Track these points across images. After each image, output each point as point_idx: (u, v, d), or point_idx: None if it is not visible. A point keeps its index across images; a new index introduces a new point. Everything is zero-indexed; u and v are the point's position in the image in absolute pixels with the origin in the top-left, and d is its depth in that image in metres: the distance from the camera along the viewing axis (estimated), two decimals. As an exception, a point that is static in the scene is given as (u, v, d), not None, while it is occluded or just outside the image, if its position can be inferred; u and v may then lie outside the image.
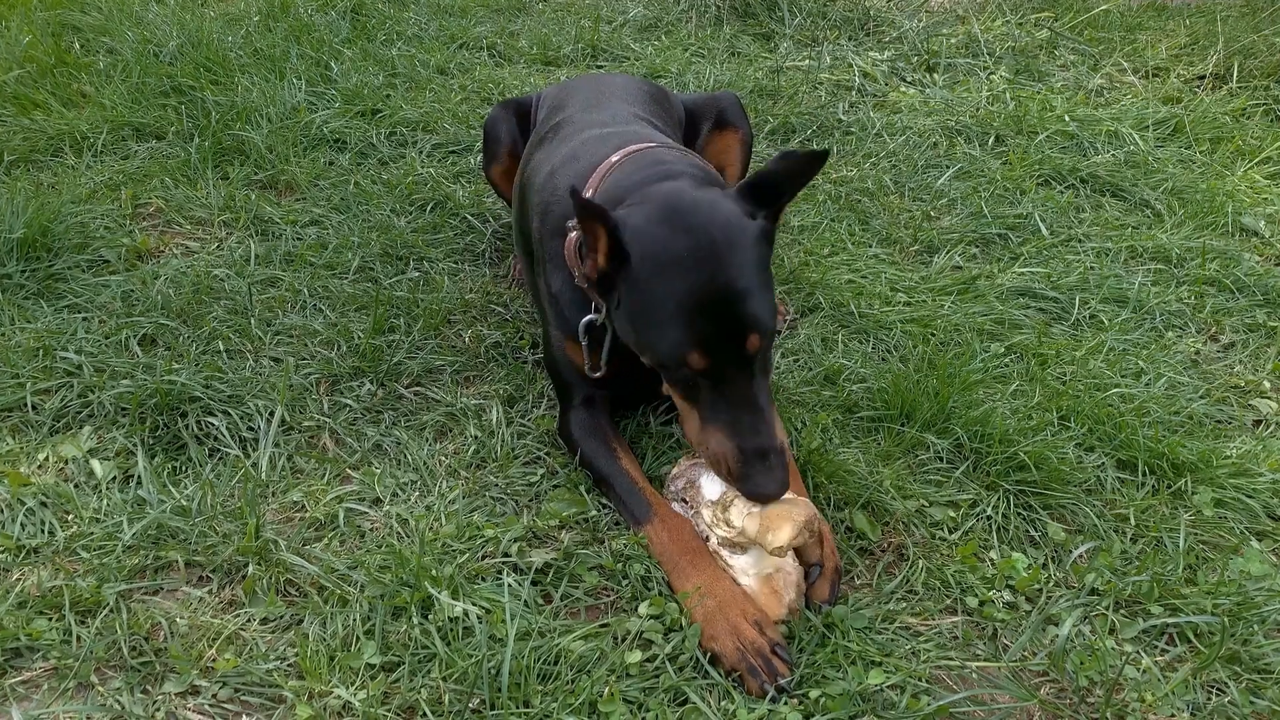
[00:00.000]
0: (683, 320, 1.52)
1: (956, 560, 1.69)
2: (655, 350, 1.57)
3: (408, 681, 1.42)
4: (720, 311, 1.51)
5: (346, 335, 2.17)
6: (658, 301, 1.54)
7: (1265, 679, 1.52)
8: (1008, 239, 2.77)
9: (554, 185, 1.90)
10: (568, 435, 1.85)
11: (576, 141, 2.01)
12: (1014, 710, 1.46)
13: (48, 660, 1.44)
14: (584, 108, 2.26)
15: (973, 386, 2.05)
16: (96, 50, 3.57)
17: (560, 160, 1.96)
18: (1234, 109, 3.66)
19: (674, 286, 1.52)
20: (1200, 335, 2.43)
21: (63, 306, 2.22)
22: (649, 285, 1.55)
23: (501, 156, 2.48)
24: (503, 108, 2.54)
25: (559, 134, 2.13)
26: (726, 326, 1.51)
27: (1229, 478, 1.90)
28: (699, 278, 1.52)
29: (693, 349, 1.51)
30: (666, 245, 1.54)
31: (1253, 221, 2.94)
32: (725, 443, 1.54)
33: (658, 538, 1.63)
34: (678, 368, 1.55)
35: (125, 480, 1.77)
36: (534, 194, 1.98)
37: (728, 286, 1.52)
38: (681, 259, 1.53)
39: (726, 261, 1.53)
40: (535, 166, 2.06)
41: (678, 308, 1.52)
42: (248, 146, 2.92)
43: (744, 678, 1.44)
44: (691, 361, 1.52)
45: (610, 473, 1.75)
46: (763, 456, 1.51)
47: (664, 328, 1.54)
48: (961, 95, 3.71)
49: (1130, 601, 1.64)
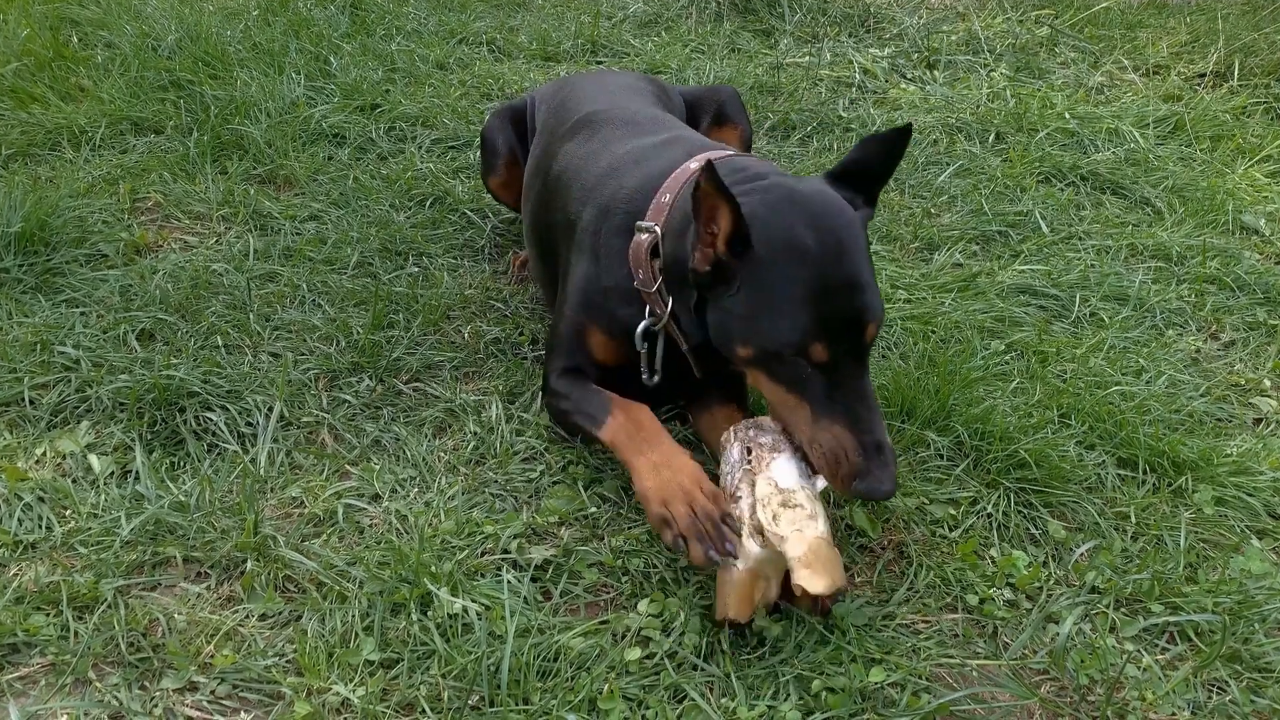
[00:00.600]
0: (808, 309, 1.50)
1: (957, 558, 1.68)
2: (772, 340, 1.53)
3: (407, 678, 1.42)
4: (842, 301, 1.51)
5: (345, 331, 2.16)
6: (780, 290, 1.52)
7: (1266, 677, 1.51)
8: (1008, 236, 2.76)
9: (619, 184, 1.87)
10: (547, 387, 1.89)
11: (637, 145, 1.96)
12: (1014, 708, 1.46)
13: (45, 656, 1.43)
14: (609, 103, 2.23)
15: (973, 384, 2.05)
16: (95, 44, 3.56)
17: (621, 160, 1.92)
18: (1235, 107, 3.66)
19: (798, 275, 1.51)
20: (1201, 333, 2.43)
21: (60, 301, 2.21)
22: (771, 273, 1.53)
23: (500, 169, 2.47)
24: (498, 117, 2.53)
25: (597, 130, 2.09)
26: (848, 316, 1.51)
27: (1229, 476, 1.90)
28: (823, 267, 1.51)
29: (816, 339, 1.49)
30: (790, 234, 1.53)
31: (1253, 219, 2.93)
32: (845, 435, 1.49)
33: (616, 423, 1.67)
34: (796, 358, 1.52)
35: (123, 475, 1.76)
36: (581, 189, 1.94)
37: (850, 276, 1.52)
38: (806, 248, 1.52)
39: (846, 250, 1.53)
40: (575, 162, 2.02)
41: (803, 297, 1.50)
42: (246, 141, 2.91)
43: (689, 543, 1.47)
44: (814, 352, 1.50)
45: (581, 397, 1.79)
46: (879, 451, 1.48)
47: (786, 317, 1.51)
48: (962, 92, 3.71)
49: (1131, 600, 1.63)
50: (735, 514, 1.51)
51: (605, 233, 1.84)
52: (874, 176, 1.65)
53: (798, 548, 1.43)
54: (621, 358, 1.85)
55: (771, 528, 1.46)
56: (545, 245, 2.09)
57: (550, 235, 2.05)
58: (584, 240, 1.88)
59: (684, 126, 2.17)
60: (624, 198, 1.83)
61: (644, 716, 1.38)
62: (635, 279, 1.75)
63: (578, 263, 1.89)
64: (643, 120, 2.12)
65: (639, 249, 1.73)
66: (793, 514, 1.47)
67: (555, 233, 2.01)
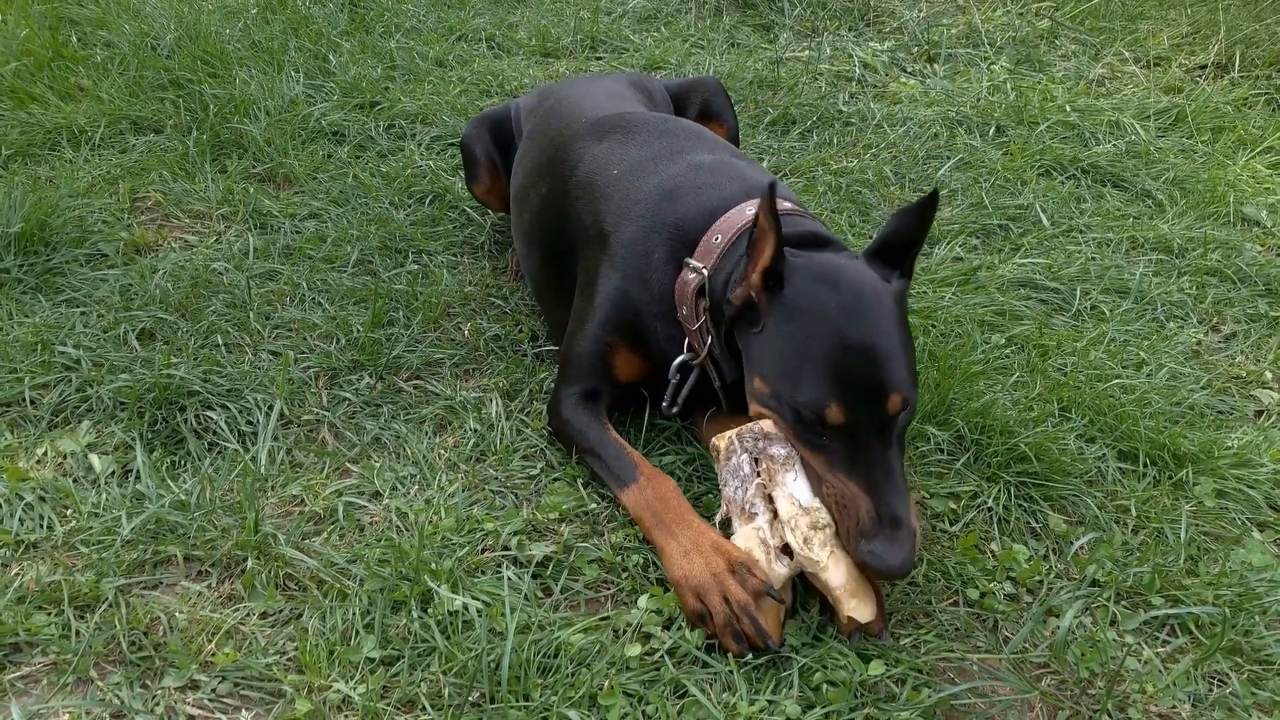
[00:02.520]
0: (826, 371, 1.50)
1: (957, 552, 1.68)
2: (790, 392, 1.53)
3: (407, 675, 1.42)
4: (863, 368, 1.49)
5: (345, 328, 2.16)
6: (803, 343, 1.54)
7: (1267, 670, 1.51)
8: (1008, 230, 2.76)
9: (675, 209, 1.84)
10: (557, 410, 1.85)
11: (691, 164, 1.92)
12: (1015, 702, 1.46)
13: (46, 655, 1.44)
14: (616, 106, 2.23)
15: (973, 378, 2.05)
16: (94, 44, 3.56)
17: (676, 184, 1.88)
18: (1236, 98, 3.65)
19: (820, 332, 1.52)
20: (1202, 326, 2.43)
21: (60, 301, 2.22)
22: (795, 322, 1.55)
23: (481, 176, 2.51)
24: (475, 126, 2.55)
25: (631, 135, 2.04)
26: (867, 384, 1.48)
27: (1230, 468, 1.89)
28: (845, 330, 1.52)
29: (833, 400, 1.48)
30: (818, 293, 1.56)
31: (1254, 211, 2.93)
32: (860, 495, 1.45)
33: (641, 496, 1.64)
34: (813, 419, 1.50)
35: (124, 475, 1.77)
36: (624, 201, 1.90)
37: (871, 344, 1.51)
38: (830, 311, 1.54)
39: (872, 318, 1.54)
40: (612, 169, 1.96)
41: (822, 355, 1.51)
42: (246, 139, 2.91)
43: (724, 639, 1.44)
44: (830, 414, 1.48)
45: (600, 442, 1.76)
46: (896, 525, 1.41)
47: (805, 375, 1.51)
48: (962, 86, 3.70)
49: (1131, 593, 1.63)
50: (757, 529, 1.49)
51: (656, 258, 1.83)
52: (906, 244, 1.65)
53: (838, 576, 1.44)
54: (643, 376, 1.85)
55: (805, 552, 1.44)
56: (554, 249, 2.07)
57: (561, 236, 2.03)
58: (622, 256, 1.86)
59: (727, 145, 2.13)
60: (674, 223, 1.83)
61: (644, 712, 1.38)
62: (679, 313, 1.77)
63: (610, 277, 1.86)
64: (678, 131, 2.08)
65: (685, 287, 1.75)
66: (823, 536, 1.46)
67: (570, 235, 1.99)
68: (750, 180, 1.88)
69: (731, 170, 1.91)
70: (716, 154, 1.99)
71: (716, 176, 1.89)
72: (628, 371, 1.86)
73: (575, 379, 1.87)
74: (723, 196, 1.83)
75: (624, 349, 1.85)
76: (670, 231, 1.83)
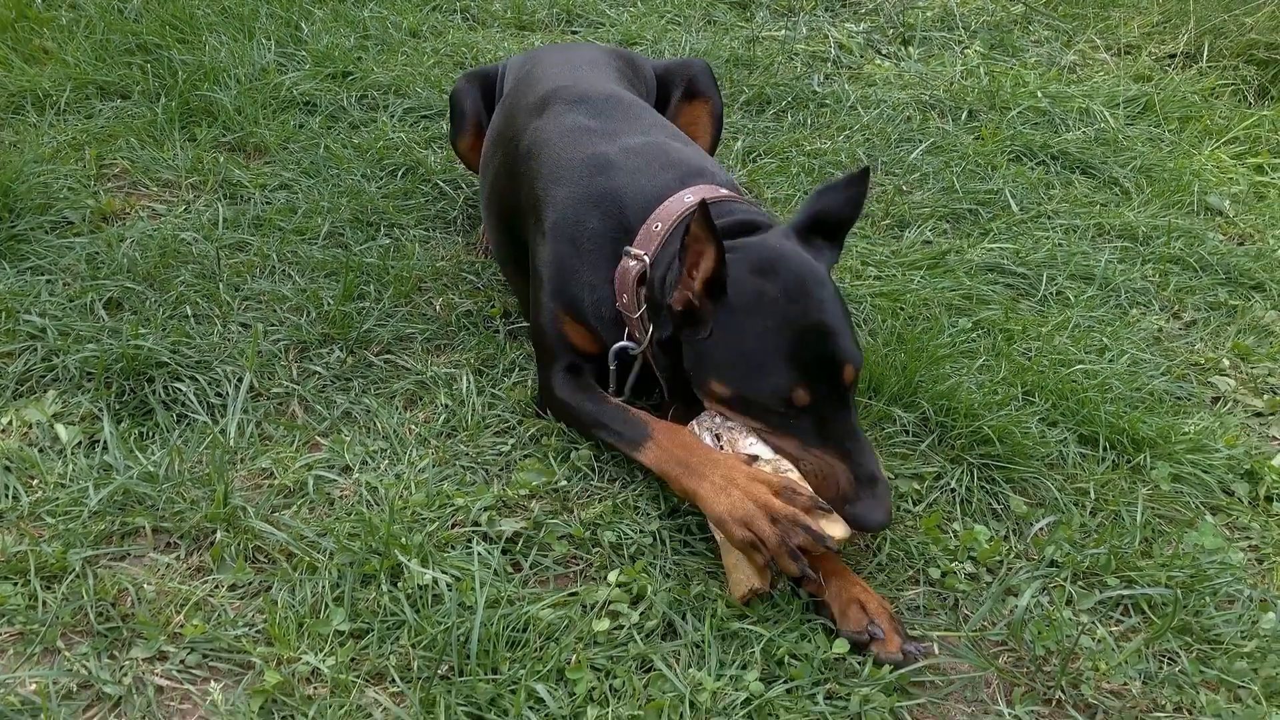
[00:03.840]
0: (786, 358, 1.57)
1: (920, 532, 1.72)
2: (756, 390, 1.59)
3: (376, 648, 1.43)
4: (817, 347, 1.57)
5: (316, 301, 2.15)
6: (756, 341, 1.58)
7: (1215, 649, 1.56)
8: (978, 214, 2.79)
9: (608, 185, 1.85)
10: (550, 394, 1.85)
11: (624, 145, 1.92)
12: (973, 679, 1.49)
13: (13, 625, 1.43)
14: (573, 79, 2.21)
15: (940, 361, 2.07)
16: (59, 5, 3.48)
17: (608, 159, 1.89)
18: (1203, 88, 3.70)
19: (772, 324, 1.58)
20: (1163, 313, 2.47)
21: (25, 268, 2.18)
22: (745, 323, 1.59)
23: (467, 131, 2.49)
24: (467, 80, 2.55)
25: (564, 110, 2.05)
26: (825, 360, 1.57)
27: (1186, 453, 1.94)
28: (793, 315, 1.58)
29: (798, 384, 1.55)
30: (760, 286, 1.61)
31: (1218, 201, 2.98)
32: (836, 463, 1.55)
33: (660, 450, 1.66)
34: (780, 404, 1.57)
35: (91, 445, 1.75)
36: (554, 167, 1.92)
37: (820, 323, 1.59)
38: (776, 300, 1.59)
39: (814, 300, 1.61)
40: (547, 139, 1.98)
41: (779, 347, 1.57)
42: (216, 107, 2.86)
43: (783, 560, 1.48)
44: (796, 397, 1.56)
45: (600, 411, 1.78)
46: (873, 483, 1.53)
47: (767, 369, 1.57)
48: (936, 69, 3.72)
49: (1088, 573, 1.67)
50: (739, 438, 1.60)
51: (591, 229, 1.84)
52: (839, 223, 1.73)
53: None
54: (599, 348, 1.85)
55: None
56: (506, 217, 2.10)
57: (513, 208, 2.05)
58: (554, 220, 1.87)
59: (656, 116, 2.14)
60: (608, 196, 1.84)
61: (611, 686, 1.40)
62: (618, 301, 1.78)
63: (546, 246, 1.88)
64: (616, 111, 2.06)
65: (626, 274, 1.76)
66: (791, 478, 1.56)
67: (520, 207, 2.01)
68: (687, 165, 1.89)
69: (666, 156, 1.91)
70: (651, 136, 1.99)
71: (649, 161, 1.89)
72: (582, 342, 1.87)
73: (551, 357, 1.87)
74: (663, 184, 1.83)
75: (569, 319, 1.86)
76: (605, 205, 1.84)
